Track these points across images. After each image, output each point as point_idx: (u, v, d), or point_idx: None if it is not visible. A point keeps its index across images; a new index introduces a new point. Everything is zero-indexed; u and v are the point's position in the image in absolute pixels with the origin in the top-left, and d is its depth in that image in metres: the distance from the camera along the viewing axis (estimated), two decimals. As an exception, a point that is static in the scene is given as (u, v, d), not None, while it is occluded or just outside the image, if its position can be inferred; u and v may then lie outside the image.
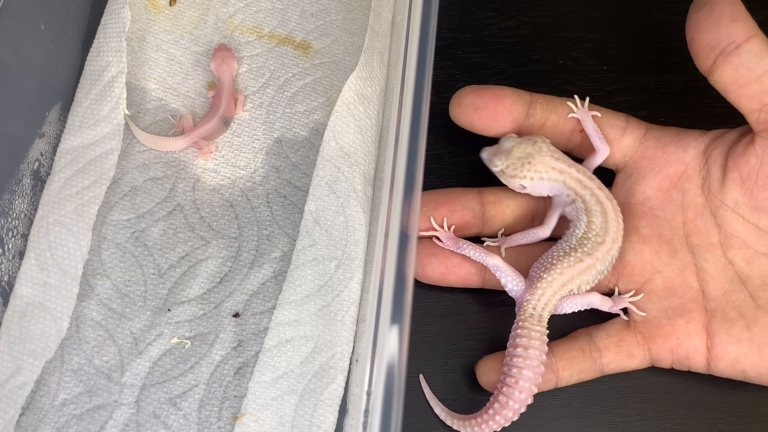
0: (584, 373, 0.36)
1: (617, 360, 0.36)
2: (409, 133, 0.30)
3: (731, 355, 0.35)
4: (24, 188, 0.38)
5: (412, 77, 0.30)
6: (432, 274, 0.38)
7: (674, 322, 0.36)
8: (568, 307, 0.36)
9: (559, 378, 0.36)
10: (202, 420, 0.36)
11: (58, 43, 0.40)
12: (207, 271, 0.39)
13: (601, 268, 0.35)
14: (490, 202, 0.38)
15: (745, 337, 0.35)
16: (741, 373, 0.35)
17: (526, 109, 0.38)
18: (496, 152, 0.37)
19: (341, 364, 0.36)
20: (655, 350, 0.36)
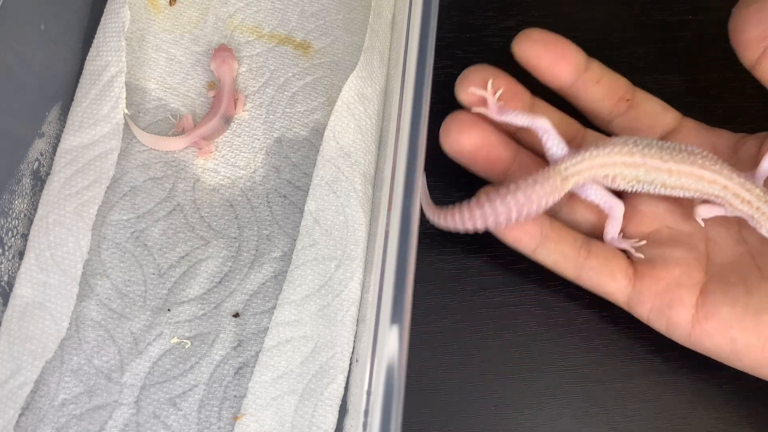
0: (562, 262, 0.36)
1: (598, 273, 0.36)
2: (409, 133, 0.30)
3: (723, 317, 0.34)
4: (24, 188, 0.38)
5: (412, 77, 0.30)
6: (465, 144, 0.36)
7: (670, 269, 0.35)
8: (592, 193, 0.35)
9: (538, 247, 0.36)
10: (202, 420, 0.36)
11: (58, 43, 0.40)
12: (207, 271, 0.39)
13: (645, 177, 0.34)
14: (538, 107, 0.39)
15: (742, 301, 0.34)
16: (729, 341, 0.34)
17: (586, 63, 0.38)
18: None
19: (341, 364, 0.36)
20: (639, 288, 0.35)
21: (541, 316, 0.39)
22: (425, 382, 0.38)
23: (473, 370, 0.38)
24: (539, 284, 0.40)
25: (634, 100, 0.39)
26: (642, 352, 0.38)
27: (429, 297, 0.39)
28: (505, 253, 0.40)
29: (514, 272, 0.40)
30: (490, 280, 0.40)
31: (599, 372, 0.38)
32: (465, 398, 0.38)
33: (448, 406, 0.37)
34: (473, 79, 0.37)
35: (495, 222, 0.34)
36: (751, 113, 0.43)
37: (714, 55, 0.45)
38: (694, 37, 0.45)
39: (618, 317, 0.39)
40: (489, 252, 0.40)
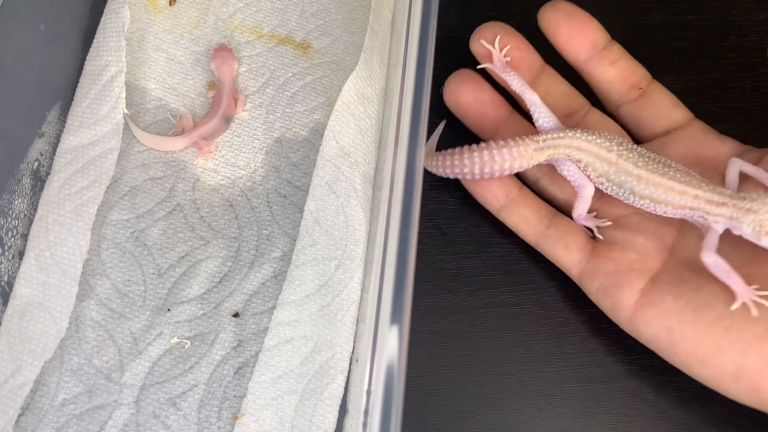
0: (523, 226, 0.38)
1: (555, 243, 0.37)
2: (409, 133, 0.30)
3: (665, 307, 0.34)
4: (24, 188, 0.38)
5: (412, 77, 0.30)
6: (461, 98, 0.39)
7: (626, 252, 0.36)
8: (566, 169, 0.36)
9: (502, 208, 0.38)
10: (201, 420, 0.36)
11: (58, 42, 0.40)
12: (207, 271, 0.39)
13: (614, 177, 0.34)
14: (547, 75, 0.40)
15: (687, 295, 0.34)
16: (666, 331, 0.34)
17: (606, 43, 0.39)
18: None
19: (341, 364, 0.36)
20: (592, 265, 0.36)
21: (541, 316, 0.39)
22: (425, 382, 0.38)
23: (473, 370, 0.38)
24: (539, 284, 0.40)
25: (647, 90, 0.39)
26: (642, 352, 0.38)
27: (429, 297, 0.39)
28: (504, 253, 0.40)
29: (514, 272, 0.40)
30: (490, 280, 0.40)
31: (599, 372, 0.38)
32: (465, 398, 0.38)
33: (448, 406, 0.37)
34: (487, 33, 0.39)
35: (462, 172, 0.36)
36: (751, 113, 0.43)
37: (714, 55, 0.45)
38: (694, 37, 0.45)
39: (618, 317, 0.39)
40: (489, 252, 0.40)
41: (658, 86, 0.39)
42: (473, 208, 0.41)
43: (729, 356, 0.32)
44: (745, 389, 0.32)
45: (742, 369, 0.32)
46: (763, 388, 0.31)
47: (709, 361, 0.33)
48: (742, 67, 0.44)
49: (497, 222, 0.41)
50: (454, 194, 0.42)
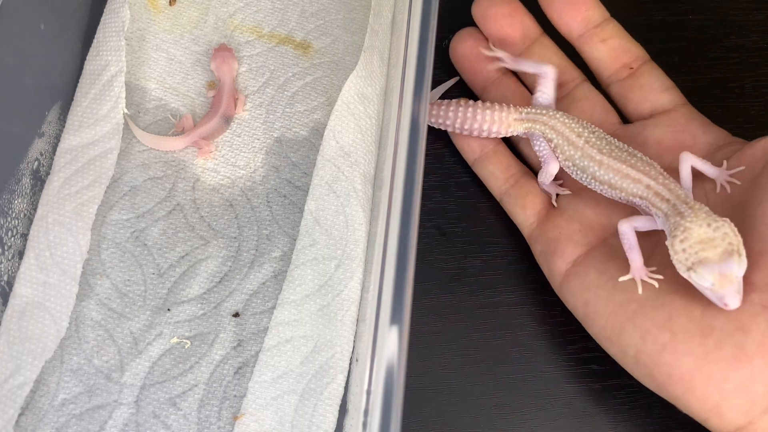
0: (490, 180, 0.39)
1: (514, 201, 0.39)
2: (409, 133, 0.30)
3: (587, 280, 0.35)
4: (23, 188, 0.38)
5: (412, 77, 0.30)
6: (458, 51, 0.41)
7: (571, 222, 0.37)
8: (538, 143, 0.37)
9: (476, 161, 0.40)
10: (201, 420, 0.36)
11: (58, 42, 0.40)
12: (207, 270, 0.39)
13: (579, 162, 0.35)
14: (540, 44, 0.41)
15: (609, 273, 0.34)
16: (583, 304, 0.34)
17: (601, 20, 0.39)
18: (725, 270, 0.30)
19: (341, 364, 0.36)
20: (539, 228, 0.38)
21: (541, 316, 0.39)
22: (425, 382, 0.38)
23: (473, 370, 0.38)
24: (539, 284, 0.39)
25: (639, 70, 0.39)
26: (642, 352, 0.38)
27: (429, 297, 0.39)
28: (504, 253, 0.40)
29: (514, 272, 0.40)
30: (490, 280, 0.40)
31: (599, 372, 0.38)
32: (465, 398, 0.38)
33: (448, 406, 0.37)
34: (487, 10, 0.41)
35: (444, 123, 0.39)
36: (751, 113, 0.43)
37: (714, 55, 0.45)
38: (694, 37, 0.45)
39: (618, 317, 0.39)
40: (489, 252, 0.40)
41: (652, 68, 0.39)
42: (473, 208, 0.41)
43: (630, 339, 0.32)
44: (643, 373, 0.33)
45: (639, 354, 0.32)
46: (657, 375, 0.32)
47: (614, 340, 0.33)
48: (742, 67, 0.44)
49: (497, 222, 0.41)
50: (454, 194, 0.42)
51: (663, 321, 0.32)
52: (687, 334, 0.31)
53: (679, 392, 0.31)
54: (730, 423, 0.30)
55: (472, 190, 0.42)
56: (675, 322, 0.31)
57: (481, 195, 0.41)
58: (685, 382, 0.31)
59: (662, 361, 0.31)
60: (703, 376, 0.30)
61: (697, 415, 0.31)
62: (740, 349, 0.30)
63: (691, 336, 0.31)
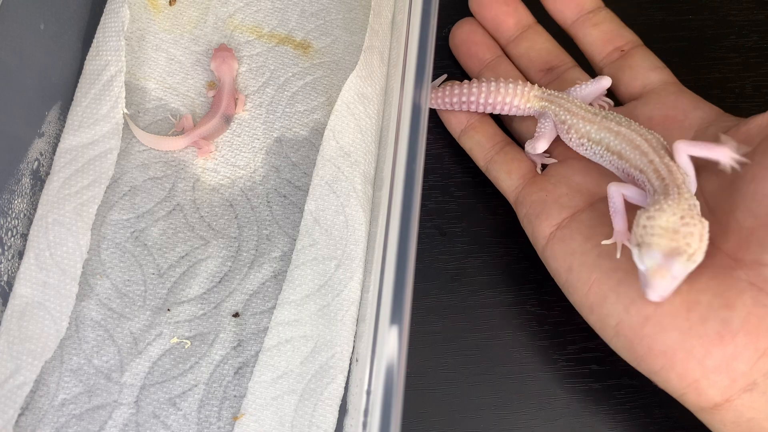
0: (476, 149, 0.40)
1: (499, 167, 0.39)
2: (409, 133, 0.30)
3: (571, 245, 0.34)
4: (23, 188, 0.38)
5: (412, 76, 0.30)
6: (457, 37, 0.43)
7: (558, 186, 0.37)
8: (544, 123, 0.38)
9: (462, 133, 0.40)
10: (201, 420, 0.36)
11: (58, 42, 0.40)
12: (207, 270, 0.39)
13: (595, 135, 0.36)
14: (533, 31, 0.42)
15: (595, 240, 0.34)
16: (566, 270, 0.34)
17: (593, 6, 0.41)
18: (665, 268, 0.29)
19: (341, 364, 0.36)
20: (524, 192, 0.37)
21: (541, 316, 0.39)
22: (425, 382, 0.38)
23: (473, 370, 0.38)
24: (539, 284, 0.40)
25: (629, 53, 0.40)
26: (642, 352, 0.38)
27: (429, 297, 0.39)
28: (504, 253, 0.40)
29: (514, 272, 0.40)
30: (490, 280, 0.40)
31: (599, 372, 0.38)
32: (465, 398, 0.38)
33: (448, 406, 0.37)
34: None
35: (468, 101, 0.39)
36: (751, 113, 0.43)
37: (714, 55, 0.45)
38: (694, 37, 0.45)
39: (618, 317, 0.39)
40: (489, 252, 0.40)
41: (643, 51, 0.40)
42: (473, 208, 0.41)
43: (612, 309, 0.32)
44: (622, 345, 0.32)
45: (621, 324, 0.32)
46: (637, 347, 0.31)
47: (596, 309, 0.33)
48: (742, 67, 0.44)
49: (497, 222, 0.41)
50: (454, 194, 0.42)
51: None
52: (672, 307, 0.30)
53: (658, 366, 0.31)
54: (708, 400, 0.30)
55: (472, 190, 0.42)
56: None
57: (481, 195, 0.41)
58: (666, 357, 0.30)
59: (644, 333, 0.31)
60: (685, 350, 0.30)
61: (674, 390, 0.31)
62: (725, 325, 0.29)
63: (676, 309, 0.30)
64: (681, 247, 0.29)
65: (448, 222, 0.41)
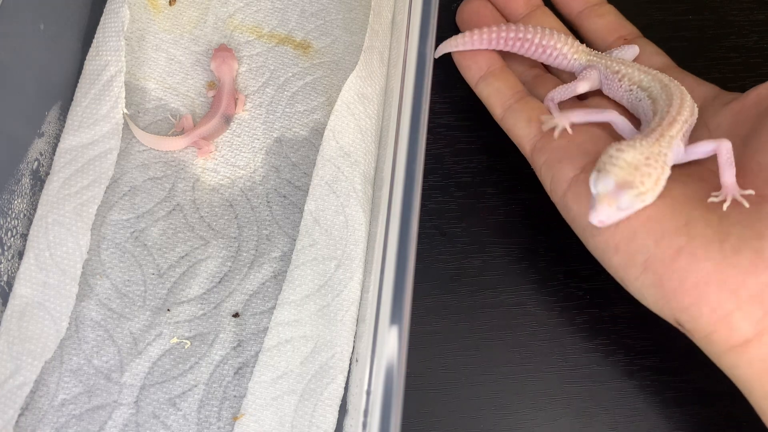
0: (494, 96, 0.39)
1: (518, 116, 0.38)
2: (409, 133, 0.30)
3: (584, 193, 0.34)
4: (23, 188, 0.38)
5: (412, 77, 0.30)
6: (465, 13, 0.42)
7: (579, 134, 0.36)
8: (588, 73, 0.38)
9: (480, 79, 0.40)
10: (201, 420, 0.36)
11: (58, 42, 0.40)
12: (206, 271, 0.39)
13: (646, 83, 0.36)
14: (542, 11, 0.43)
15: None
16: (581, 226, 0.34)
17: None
18: (613, 197, 0.31)
19: (341, 364, 0.36)
20: (543, 141, 0.37)
21: (541, 316, 0.39)
22: (425, 382, 0.38)
23: (473, 370, 0.38)
24: (539, 284, 0.40)
25: (633, 41, 0.41)
26: (642, 352, 0.38)
27: (429, 297, 0.39)
28: (504, 253, 0.40)
29: (514, 272, 0.40)
30: (490, 280, 0.40)
31: (599, 372, 0.38)
32: (465, 398, 0.37)
33: (448, 406, 0.37)
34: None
35: (525, 37, 0.39)
36: (751, 113, 0.43)
37: (714, 55, 0.45)
38: (694, 37, 0.45)
39: (618, 317, 0.39)
40: (489, 252, 0.40)
41: (645, 40, 0.41)
42: (473, 208, 0.41)
43: (642, 244, 0.32)
44: (650, 282, 0.32)
45: (651, 259, 0.31)
46: (667, 282, 0.31)
47: (622, 247, 0.32)
48: (742, 67, 0.44)
49: (497, 222, 0.41)
50: (454, 194, 0.42)
51: (680, 225, 0.31)
52: (704, 239, 0.30)
53: (688, 301, 0.30)
54: (739, 334, 0.30)
55: (472, 190, 0.42)
56: (693, 227, 0.31)
57: (481, 195, 0.41)
58: (699, 289, 0.30)
59: (676, 267, 0.31)
60: (719, 281, 0.30)
61: (702, 327, 0.30)
62: (758, 254, 0.29)
63: (709, 241, 0.30)
64: (635, 182, 0.30)
65: (448, 222, 0.41)
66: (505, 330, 0.39)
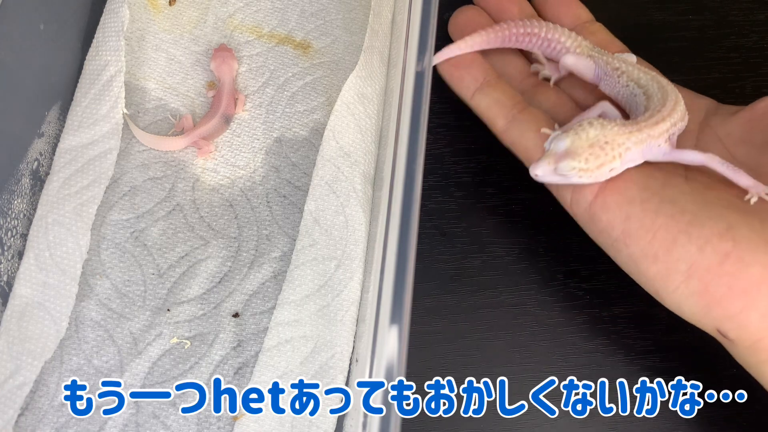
0: (495, 108, 0.38)
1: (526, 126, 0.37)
2: (409, 133, 0.30)
3: (629, 193, 0.33)
4: (23, 188, 0.38)
5: (412, 76, 0.30)
6: (459, 21, 0.41)
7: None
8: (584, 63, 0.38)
9: (477, 91, 0.39)
10: (201, 420, 0.36)
11: (58, 42, 0.40)
12: (206, 271, 0.39)
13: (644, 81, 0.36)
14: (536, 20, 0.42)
15: (653, 189, 0.33)
16: (624, 218, 0.33)
17: (589, 18, 0.42)
18: (557, 158, 0.33)
19: (341, 364, 0.36)
20: None
21: (541, 316, 0.39)
22: (425, 381, 0.38)
23: (473, 370, 0.38)
24: (539, 284, 0.40)
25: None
26: (642, 352, 0.38)
27: (429, 297, 0.39)
28: (504, 253, 0.40)
29: (514, 272, 0.40)
30: (490, 280, 0.40)
31: (599, 372, 0.38)
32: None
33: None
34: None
35: (531, 32, 0.39)
36: (751, 113, 0.43)
37: (714, 55, 0.45)
38: (694, 37, 0.45)
39: (618, 317, 0.39)
40: (489, 252, 0.40)
41: (639, 59, 0.41)
42: (473, 208, 0.41)
43: (684, 251, 0.31)
44: (693, 290, 0.31)
45: (695, 266, 0.30)
46: (713, 290, 0.30)
47: (662, 255, 0.31)
48: (742, 67, 0.44)
49: (497, 222, 0.41)
50: (454, 194, 0.42)
51: (723, 230, 0.30)
52: (750, 242, 0.30)
53: (737, 308, 0.30)
54: None
55: (472, 190, 0.42)
56: (736, 231, 0.30)
57: (481, 195, 0.41)
58: (749, 295, 0.29)
59: (724, 272, 0.30)
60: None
61: (751, 334, 0.30)
62: None
63: (755, 245, 0.30)
64: (581, 156, 0.32)
65: (448, 222, 0.41)
66: (505, 330, 0.39)
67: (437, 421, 0.37)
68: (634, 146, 0.32)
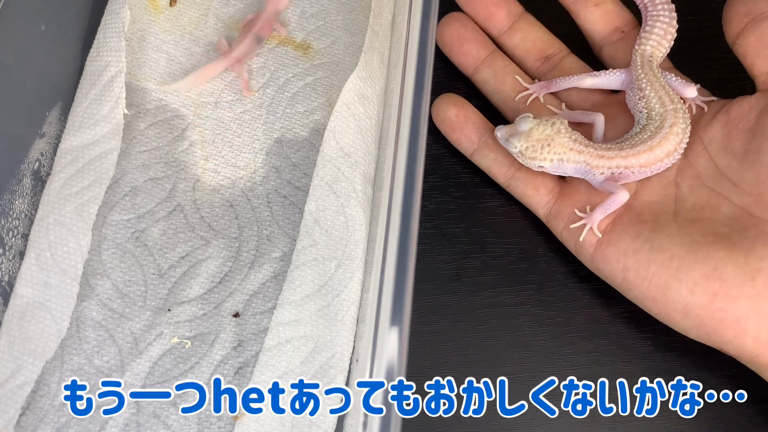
0: (494, 168, 0.40)
1: (525, 184, 0.39)
2: (409, 133, 0.30)
3: (622, 246, 0.36)
4: (24, 188, 0.38)
5: (412, 77, 0.31)
6: (446, 34, 0.42)
7: (591, 196, 0.38)
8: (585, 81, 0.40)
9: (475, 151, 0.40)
10: (201, 420, 0.36)
11: (59, 43, 0.40)
12: (207, 271, 0.39)
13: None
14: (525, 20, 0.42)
15: (644, 236, 0.35)
16: (622, 269, 0.36)
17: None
18: (512, 133, 0.37)
19: (341, 364, 0.36)
20: (559, 205, 0.38)
21: (541, 316, 0.39)
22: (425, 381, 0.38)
23: (473, 370, 0.38)
24: (539, 284, 0.40)
25: (630, 34, 0.41)
26: (642, 352, 0.38)
27: (429, 297, 0.39)
28: (504, 253, 0.40)
29: (514, 272, 0.40)
30: (490, 280, 0.40)
31: (599, 372, 0.38)
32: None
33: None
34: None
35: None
36: (751, 113, 0.43)
37: (714, 55, 0.45)
38: (694, 37, 0.45)
39: (618, 317, 0.39)
40: (489, 252, 0.40)
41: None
42: (473, 208, 0.41)
43: (677, 294, 0.34)
44: (692, 325, 0.34)
45: (689, 306, 0.34)
46: (708, 323, 0.33)
47: (659, 299, 0.34)
48: (742, 67, 0.44)
49: (497, 222, 0.41)
50: (454, 195, 0.42)
51: (710, 271, 0.33)
52: (736, 279, 0.33)
53: (731, 335, 0.33)
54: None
55: (472, 190, 0.42)
56: (722, 270, 0.33)
57: (481, 195, 0.41)
58: (740, 324, 0.33)
59: (714, 308, 0.33)
60: (758, 314, 0.32)
61: (747, 354, 0.33)
62: None
63: (741, 281, 0.32)
64: (526, 142, 0.36)
65: (448, 222, 0.41)
66: (505, 330, 0.39)
67: (437, 421, 0.37)
68: (567, 162, 0.36)
